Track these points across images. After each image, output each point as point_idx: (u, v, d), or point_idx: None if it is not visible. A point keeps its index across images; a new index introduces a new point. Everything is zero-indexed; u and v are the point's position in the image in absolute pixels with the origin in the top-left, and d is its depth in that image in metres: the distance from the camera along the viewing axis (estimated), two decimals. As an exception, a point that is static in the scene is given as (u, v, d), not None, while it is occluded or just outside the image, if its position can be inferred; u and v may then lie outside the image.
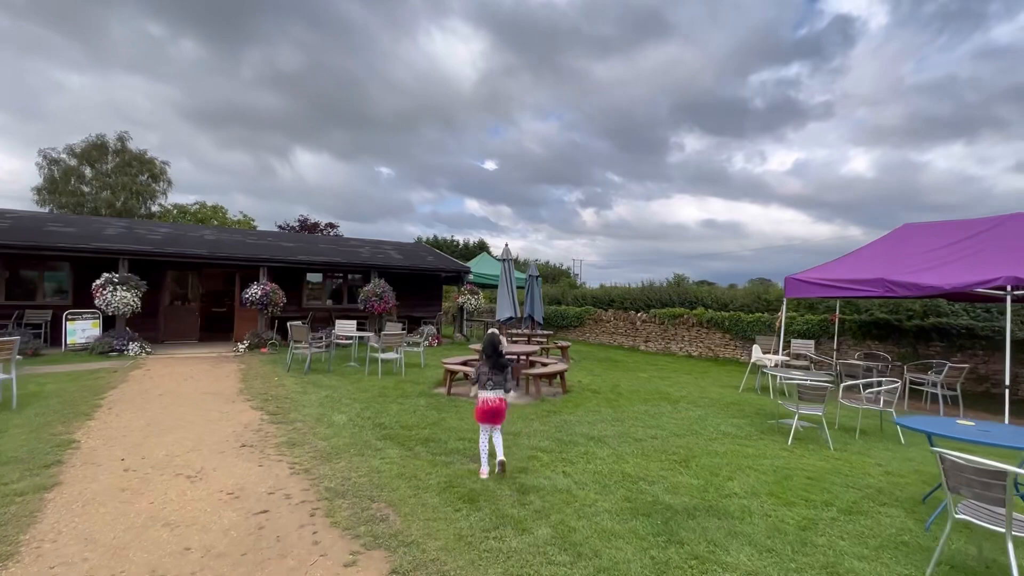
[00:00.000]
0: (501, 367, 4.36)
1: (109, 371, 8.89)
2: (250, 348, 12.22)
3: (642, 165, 78.53)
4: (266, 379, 8.63)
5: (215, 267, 14.18)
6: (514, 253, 17.24)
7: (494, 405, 4.26)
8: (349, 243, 17.40)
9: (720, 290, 19.25)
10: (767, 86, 56.53)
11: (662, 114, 65.07)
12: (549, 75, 59.25)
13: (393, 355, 9.59)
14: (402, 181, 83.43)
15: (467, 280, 16.25)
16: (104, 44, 40.16)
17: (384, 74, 56.32)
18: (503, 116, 74.36)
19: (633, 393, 8.60)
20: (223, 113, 49.26)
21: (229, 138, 53.20)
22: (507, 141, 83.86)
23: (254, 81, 49.96)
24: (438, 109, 66.05)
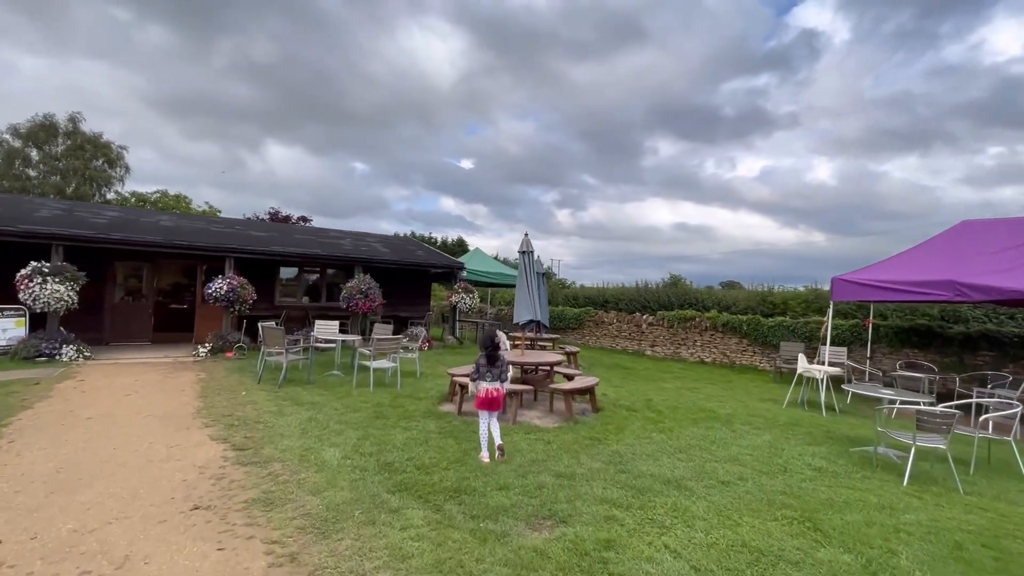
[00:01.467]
0: (496, 360, 4.76)
1: (28, 383, 7.11)
2: (213, 352, 10.49)
3: (617, 168, 79.66)
4: (232, 393, 7.02)
5: (173, 257, 12.32)
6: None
7: (495, 395, 4.72)
8: (329, 234, 15.69)
9: (720, 292, 18.34)
10: (737, 95, 58.37)
11: (637, 118, 66.05)
12: (528, 76, 59.19)
13: (387, 363, 8.10)
14: (377, 177, 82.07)
15: (461, 277, 14.79)
16: (64, 27, 37.25)
17: (361, 69, 55.02)
18: (481, 115, 73.92)
19: (672, 410, 7.37)
20: (192, 102, 46.86)
21: (197, 128, 50.83)
22: (484, 140, 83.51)
23: (226, 71, 47.68)
24: (415, 106, 65.02)
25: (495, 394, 4.73)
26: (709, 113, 61.37)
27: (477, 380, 4.82)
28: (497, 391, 4.75)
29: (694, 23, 49.49)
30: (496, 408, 4.77)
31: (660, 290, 19.57)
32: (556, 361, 6.97)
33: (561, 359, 7.12)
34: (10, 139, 32.76)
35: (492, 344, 4.80)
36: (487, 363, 4.76)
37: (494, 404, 4.75)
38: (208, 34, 45.14)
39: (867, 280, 8.38)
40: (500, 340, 4.79)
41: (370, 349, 7.86)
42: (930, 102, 42.47)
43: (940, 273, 7.73)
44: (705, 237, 70.09)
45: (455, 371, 7.40)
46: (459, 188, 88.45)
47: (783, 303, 15.37)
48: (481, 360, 4.79)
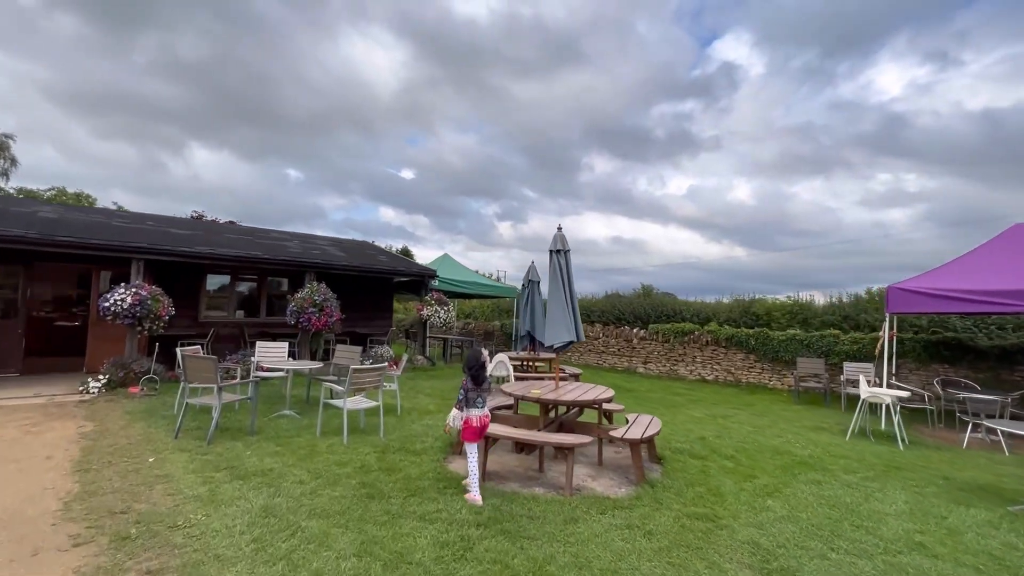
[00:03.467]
0: (484, 381, 4.22)
1: None
2: (110, 386, 7.76)
3: (556, 182, 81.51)
4: (132, 459, 4.62)
5: (57, 260, 9.35)
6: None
7: (486, 422, 4.24)
8: (270, 235, 13.05)
9: (698, 303, 17.50)
10: (666, 118, 61.64)
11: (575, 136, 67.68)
12: (471, 90, 58.91)
13: (365, 403, 5.96)
14: (313, 185, 78.41)
15: (432, 287, 12.70)
16: None
17: (299, 74, 52.23)
18: (423, 126, 72.75)
19: (743, 453, 5.82)
20: (106, 99, 42.11)
21: (111, 126, 45.74)
22: (426, 151, 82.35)
23: (148, 67, 43.24)
24: (355, 114, 62.73)
25: (487, 421, 4.26)
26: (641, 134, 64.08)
27: (465, 408, 4.21)
28: (487, 418, 4.27)
29: (627, 49, 51.39)
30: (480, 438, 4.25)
31: (633, 300, 18.46)
32: (607, 398, 5.19)
33: (611, 394, 5.36)
34: None
35: (478, 364, 4.23)
36: (475, 386, 4.20)
37: (483, 434, 4.26)
38: (129, 28, 40.89)
39: (926, 289, 7.35)
40: (485, 359, 4.36)
41: (344, 385, 5.70)
42: (830, 132, 47.05)
43: (1015, 282, 6.79)
44: (638, 250, 72.73)
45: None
46: (400, 198, 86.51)
47: (766, 314, 14.60)
48: (468, 384, 4.20)
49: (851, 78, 46.80)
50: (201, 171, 58.94)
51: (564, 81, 55.38)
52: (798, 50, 49.91)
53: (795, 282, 43.65)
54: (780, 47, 51.85)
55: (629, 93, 59.35)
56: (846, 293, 13.84)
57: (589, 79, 56.30)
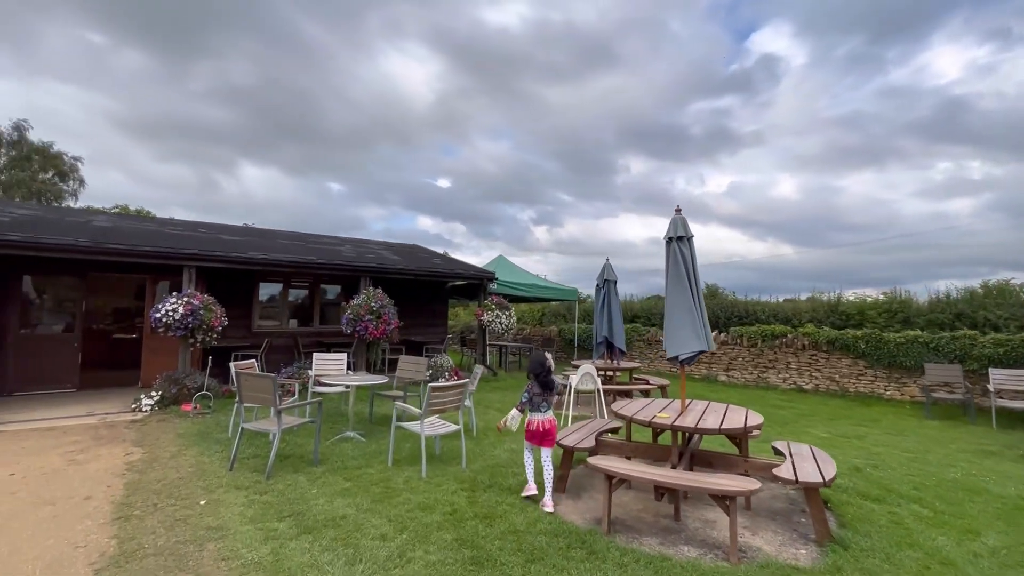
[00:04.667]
0: (552, 386, 4.20)
1: None
2: (163, 404, 7.20)
3: (591, 185, 79.82)
4: (181, 502, 3.84)
5: (111, 269, 9.01)
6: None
7: (547, 427, 4.15)
8: (322, 240, 12.51)
9: (774, 304, 15.83)
10: (703, 115, 58.80)
11: (609, 138, 65.89)
12: (503, 98, 58.68)
13: (443, 427, 5.03)
14: (354, 197, 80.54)
15: (491, 291, 11.77)
16: (35, 51, 35.50)
17: (339, 91, 53.83)
18: (458, 136, 73.27)
19: (927, 493, 4.50)
20: (165, 125, 45.07)
21: (169, 150, 48.72)
22: (461, 160, 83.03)
23: (203, 94, 45.90)
24: (393, 127, 63.94)
25: (548, 426, 4.18)
26: (677, 132, 61.65)
27: (528, 410, 4.23)
28: (551, 423, 4.20)
29: (661, 48, 49.58)
30: (548, 444, 4.17)
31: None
32: (756, 424, 4.02)
33: (760, 419, 4.19)
34: (-56, 149, 28.75)
35: (544, 369, 4.24)
36: (542, 390, 4.19)
37: (547, 438, 4.16)
38: (186, 57, 43.59)
39: None
40: (550, 363, 4.35)
41: (406, 398, 4.79)
42: (881, 121, 43.20)
43: None
44: None
45: (568, 438, 4.42)
46: (437, 207, 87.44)
47: (858, 313, 12.85)
48: (535, 388, 4.21)
49: (903, 63, 43.03)
50: (251, 188, 61.49)
51: (597, 84, 54.15)
52: (842, 38, 46.51)
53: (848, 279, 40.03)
54: (823, 36, 48.51)
55: (664, 92, 57.38)
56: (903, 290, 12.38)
57: (622, 80, 54.85)
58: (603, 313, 9.02)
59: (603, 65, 51.46)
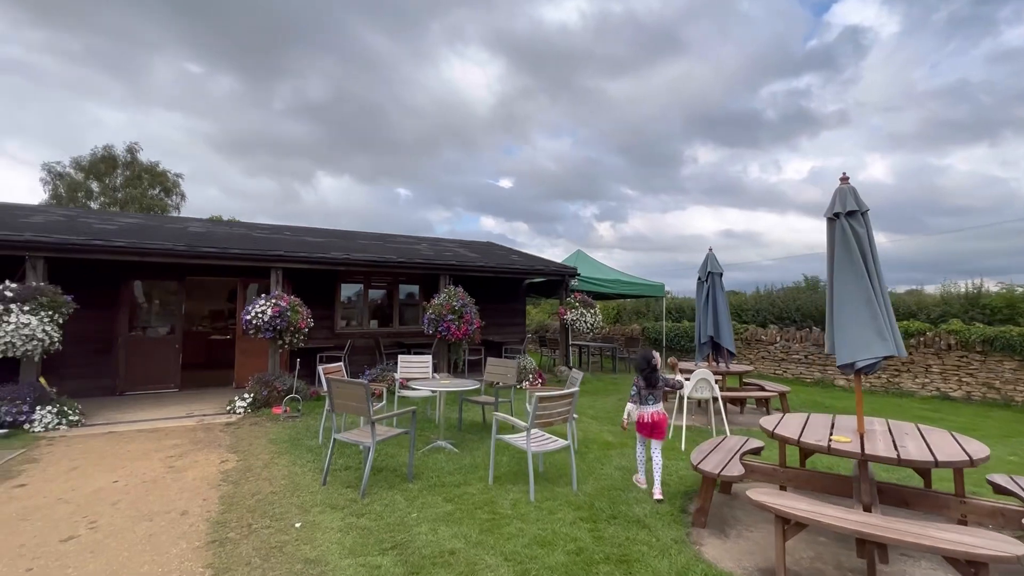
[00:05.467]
0: (657, 382, 4.28)
1: (-79, 498, 3.88)
2: (254, 406, 7.17)
3: (656, 178, 75.95)
4: (276, 523, 3.49)
5: (206, 272, 9.28)
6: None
7: (656, 420, 4.24)
8: (399, 239, 12.41)
9: (891, 296, 13.80)
10: (778, 98, 53.39)
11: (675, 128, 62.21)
12: (564, 95, 57.51)
13: (556, 442, 4.40)
14: (420, 201, 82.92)
15: (574, 287, 11.05)
16: (146, 84, 40.39)
17: (405, 100, 55.86)
18: (519, 136, 73.04)
19: None
20: (253, 143, 49.25)
21: (256, 165, 53.31)
22: (522, 159, 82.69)
23: (284, 112, 49.73)
24: (456, 132, 65.20)
25: (657, 418, 4.23)
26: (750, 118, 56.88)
27: (639, 404, 4.31)
28: (660, 416, 4.24)
29: (729, 29, 45.92)
30: (659, 436, 4.25)
31: (799, 295, 15.17)
32: (983, 457, 3.01)
33: (987, 452, 3.16)
34: (73, 172, 32.44)
35: (649, 366, 4.29)
36: (647, 386, 4.27)
37: (656, 431, 4.24)
38: (270, 80, 47.64)
39: None
40: (656, 360, 4.33)
41: (530, 417, 4.19)
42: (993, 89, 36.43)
43: None
44: (753, 243, 64.46)
45: (706, 461, 3.63)
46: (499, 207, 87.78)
47: (1007, 306, 10.74)
48: (640, 383, 4.29)
49: (1018, 22, 36.63)
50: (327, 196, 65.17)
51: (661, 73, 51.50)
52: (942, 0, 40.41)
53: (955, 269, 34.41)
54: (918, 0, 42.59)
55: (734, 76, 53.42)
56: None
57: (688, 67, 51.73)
58: (707, 309, 8.02)
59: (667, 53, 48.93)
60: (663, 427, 4.27)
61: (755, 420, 7.36)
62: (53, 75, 37.85)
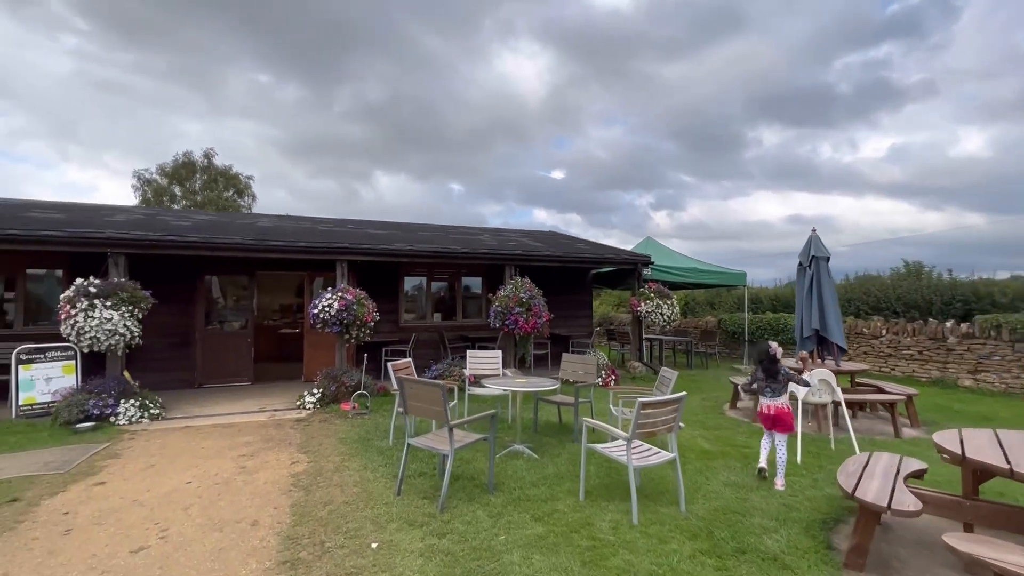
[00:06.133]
0: (777, 374, 4.21)
1: (17, 487, 3.86)
2: (323, 401, 7.03)
3: (716, 163, 71.27)
4: (351, 541, 3.12)
5: (274, 267, 9.34)
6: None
7: (777, 412, 4.17)
8: (459, 230, 12.09)
9: (1016, 285, 11.89)
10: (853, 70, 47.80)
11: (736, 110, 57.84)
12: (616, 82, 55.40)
13: (660, 455, 3.77)
14: (473, 196, 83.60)
15: (647, 277, 10.25)
16: (221, 95, 43.56)
17: (458, 97, 56.48)
18: (570, 126, 71.38)
19: None
20: (315, 146, 51.70)
21: (319, 167, 55.99)
22: (574, 150, 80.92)
23: (344, 115, 51.79)
24: (508, 125, 65.00)
25: (779, 412, 4.15)
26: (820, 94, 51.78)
27: (761, 396, 4.28)
28: (782, 409, 4.16)
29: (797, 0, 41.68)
30: (784, 429, 4.16)
31: (900, 283, 13.46)
32: None
33: None
34: (158, 178, 35.01)
35: (769, 357, 4.23)
36: (765, 377, 4.22)
37: (779, 423, 4.15)
38: (331, 84, 49.79)
39: None
40: (776, 351, 4.23)
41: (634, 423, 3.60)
42: None
43: None
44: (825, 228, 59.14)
45: (866, 488, 2.87)
46: (551, 199, 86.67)
47: None
48: (759, 374, 4.28)
49: None
50: (384, 194, 67.14)
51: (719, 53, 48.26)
52: None
53: None
54: None
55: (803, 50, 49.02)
56: None
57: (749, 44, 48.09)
58: (811, 299, 7.04)
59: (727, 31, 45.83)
60: (787, 421, 4.16)
61: (872, 427, 6.35)
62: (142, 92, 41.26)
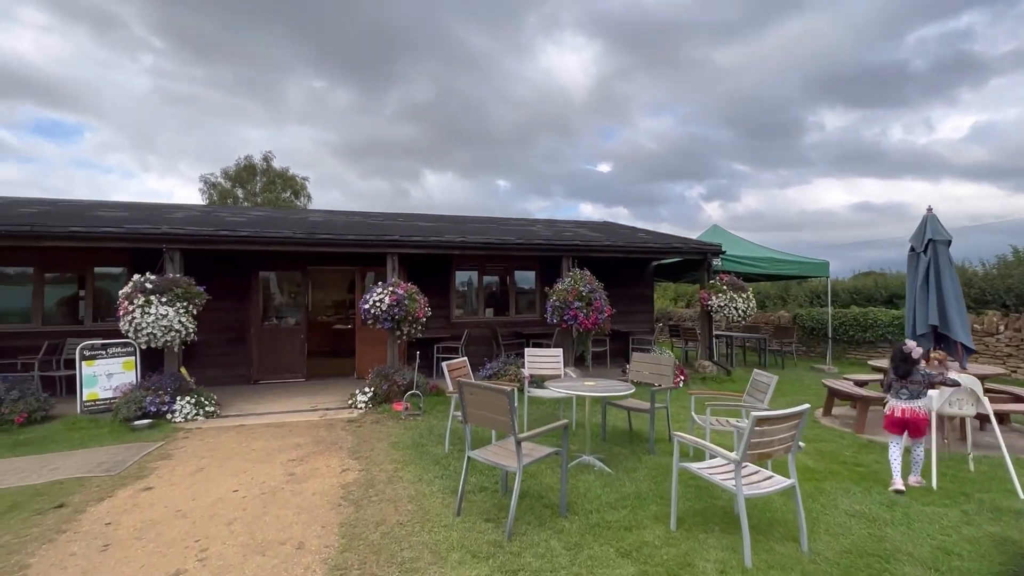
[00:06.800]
0: (908, 374, 3.95)
1: (67, 489, 3.70)
2: (375, 401, 6.71)
3: (773, 151, 66.59)
4: (405, 574, 2.66)
5: (325, 261, 9.18)
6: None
7: (911, 416, 3.90)
8: (511, 222, 11.58)
9: None
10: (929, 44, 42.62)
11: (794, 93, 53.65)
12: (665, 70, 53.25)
13: (775, 483, 3.07)
14: (518, 192, 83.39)
15: (716, 268, 9.34)
16: (281, 103, 46.06)
17: (504, 94, 56.67)
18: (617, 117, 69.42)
19: None
20: (366, 148, 53.65)
21: (370, 168, 57.94)
22: (621, 142, 78.52)
23: (393, 116, 53.28)
24: (553, 119, 64.29)
25: (913, 416, 3.89)
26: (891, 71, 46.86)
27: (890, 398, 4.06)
28: (916, 413, 3.89)
29: None
30: (916, 435, 3.94)
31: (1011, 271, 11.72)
32: None
33: None
34: (223, 181, 36.85)
35: (902, 356, 3.99)
36: (897, 377, 4.01)
37: (913, 428, 3.91)
38: (381, 88, 51.59)
39: None
40: (913, 351, 3.95)
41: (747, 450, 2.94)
42: None
43: None
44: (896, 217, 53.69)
45: None
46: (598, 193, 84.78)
47: None
48: (893, 376, 4.05)
49: None
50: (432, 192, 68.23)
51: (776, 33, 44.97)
52: None
53: None
54: None
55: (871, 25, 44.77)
56: None
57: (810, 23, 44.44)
58: (926, 290, 6.01)
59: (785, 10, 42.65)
60: (921, 426, 3.93)
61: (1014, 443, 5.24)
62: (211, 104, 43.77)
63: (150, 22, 36.58)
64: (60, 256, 7.75)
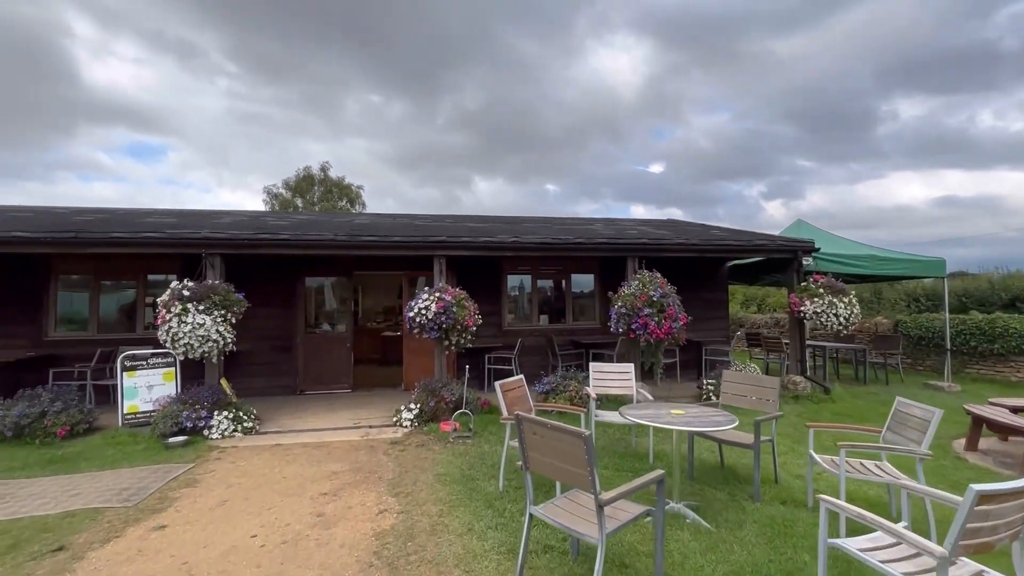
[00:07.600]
0: None
1: (76, 525, 3.23)
2: (421, 419, 6.06)
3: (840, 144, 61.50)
4: None
5: (372, 266, 8.71)
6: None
7: None
8: (567, 221, 10.72)
9: None
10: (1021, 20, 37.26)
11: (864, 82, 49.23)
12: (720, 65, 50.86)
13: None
14: (568, 195, 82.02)
15: (808, 268, 8.03)
16: (339, 117, 48.19)
17: (554, 97, 56.45)
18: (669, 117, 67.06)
19: None
20: (419, 157, 54.79)
21: (422, 176, 59.01)
22: (673, 141, 75.53)
23: (445, 125, 54.12)
24: (604, 121, 63.14)
25: None
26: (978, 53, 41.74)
27: None
28: None
29: None
30: None
31: None
32: None
33: None
34: (284, 192, 38.34)
35: None
36: None
37: None
38: (434, 98, 52.45)
39: None
40: None
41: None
42: None
43: None
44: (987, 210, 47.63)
45: None
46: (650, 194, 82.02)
47: None
48: None
49: None
50: (483, 198, 68.67)
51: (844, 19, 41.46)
52: None
53: None
54: None
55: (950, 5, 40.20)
56: None
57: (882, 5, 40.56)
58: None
59: None
60: None
61: None
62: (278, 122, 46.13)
63: (225, 47, 38.91)
64: (114, 264, 7.71)
